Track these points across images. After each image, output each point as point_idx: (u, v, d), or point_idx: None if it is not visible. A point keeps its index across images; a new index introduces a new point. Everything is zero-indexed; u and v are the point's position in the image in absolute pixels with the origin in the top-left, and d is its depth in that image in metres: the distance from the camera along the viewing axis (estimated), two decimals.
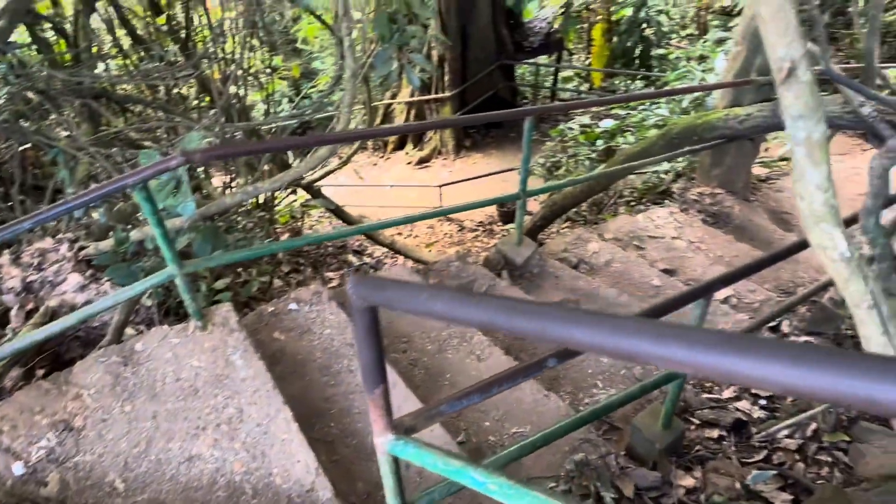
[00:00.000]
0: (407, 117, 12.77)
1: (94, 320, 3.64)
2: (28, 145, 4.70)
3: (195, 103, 6.50)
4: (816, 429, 3.05)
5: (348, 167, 9.86)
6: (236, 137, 5.47)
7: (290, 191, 7.20)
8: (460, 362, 3.30)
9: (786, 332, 4.26)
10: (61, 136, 4.69)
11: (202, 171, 5.59)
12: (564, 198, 6.21)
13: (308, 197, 7.24)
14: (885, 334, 1.02)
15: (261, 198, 6.12)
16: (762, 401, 3.44)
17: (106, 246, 3.85)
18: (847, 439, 2.93)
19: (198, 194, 5.46)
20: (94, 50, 5.75)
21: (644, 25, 12.10)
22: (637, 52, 12.34)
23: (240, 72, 5.81)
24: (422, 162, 12.63)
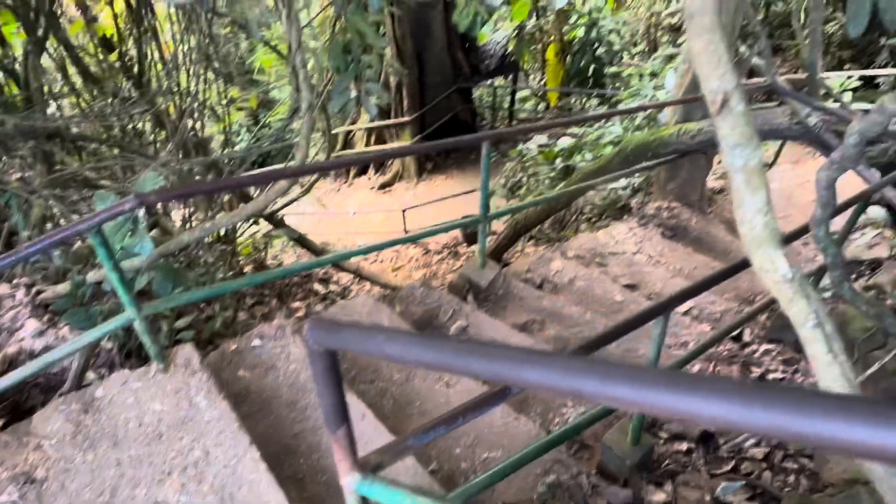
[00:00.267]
0: (367, 142, 12.81)
1: (54, 366, 3.55)
2: None
3: (152, 138, 6.42)
4: None
5: (310, 195, 9.84)
6: (194, 171, 5.42)
7: (251, 221, 7.14)
8: (429, 390, 3.29)
9: (747, 340, 4.34)
10: (13, 178, 4.59)
11: (161, 206, 5.52)
12: (527, 217, 6.28)
13: (270, 227, 7.18)
14: (831, 353, 1.06)
15: (222, 230, 6.05)
16: None
17: (63, 289, 3.76)
18: None
19: (157, 231, 5.39)
20: (46, 90, 5.66)
21: (596, 45, 12.36)
22: (590, 70, 12.59)
23: (195, 105, 5.77)
24: (384, 186, 12.66)
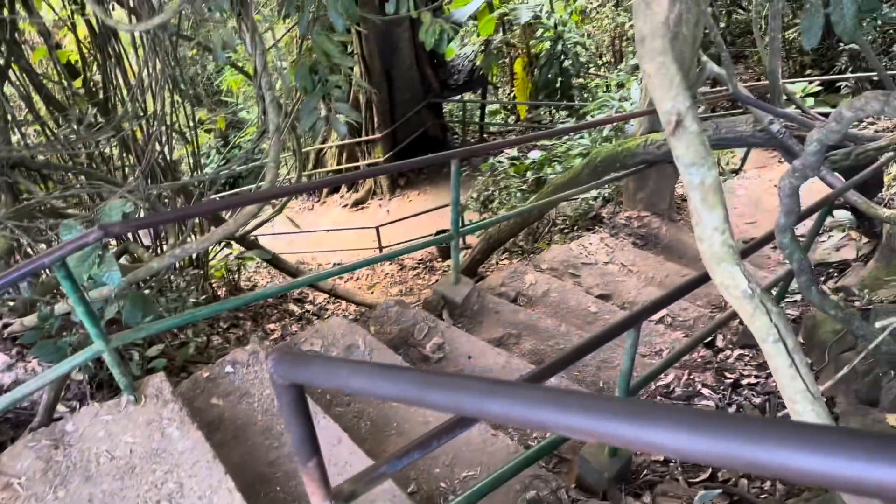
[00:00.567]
0: (339, 160, 12.79)
1: (23, 400, 3.47)
2: None
3: (120, 164, 6.34)
4: None
5: (283, 215, 9.77)
6: (163, 196, 5.35)
7: (224, 244, 7.07)
8: (406, 410, 3.27)
9: (720, 346, 4.39)
10: None
11: (130, 233, 5.44)
12: (500, 231, 6.31)
13: (243, 249, 7.11)
14: (793, 367, 1.07)
15: (194, 254, 5.99)
16: None
17: (31, 321, 3.69)
18: None
19: (127, 258, 5.31)
20: (9, 118, 5.57)
21: (562, 57, 12.49)
22: (558, 83, 12.71)
23: (163, 129, 5.71)
24: (358, 204, 12.63)
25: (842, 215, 6.00)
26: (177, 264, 5.96)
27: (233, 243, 7.16)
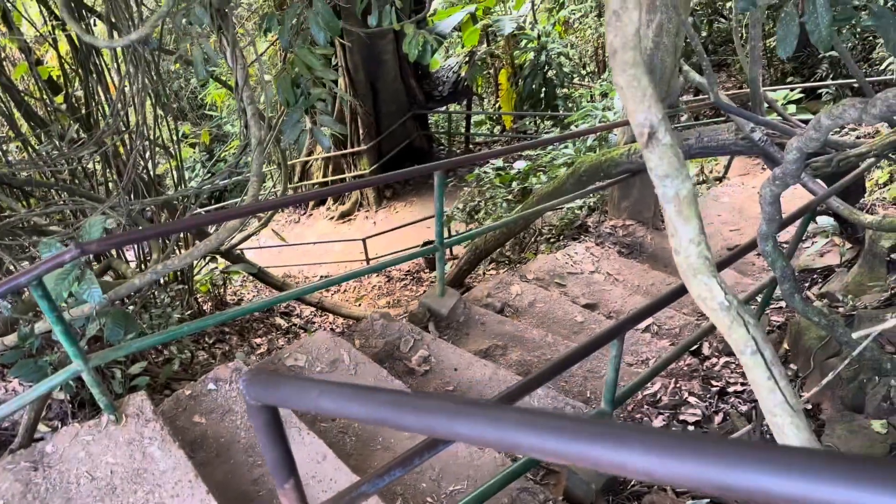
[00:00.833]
0: (325, 172, 12.77)
1: (4, 421, 3.42)
2: None
3: (104, 178, 6.28)
4: None
5: (267, 230, 9.70)
6: (146, 211, 5.31)
7: (209, 258, 7.01)
8: None
9: (707, 354, 4.40)
10: None
11: (114, 249, 5.38)
12: (486, 242, 6.30)
13: (228, 263, 7.06)
14: (771, 378, 1.07)
15: (178, 269, 5.93)
16: (690, 427, 3.52)
17: (11, 341, 3.63)
18: None
19: (110, 274, 5.25)
20: None
21: (546, 68, 12.56)
22: (542, 93, 12.78)
23: (146, 143, 5.67)
24: (344, 216, 12.60)
25: (825, 221, 6.04)
26: (161, 279, 5.90)
27: (218, 257, 7.11)
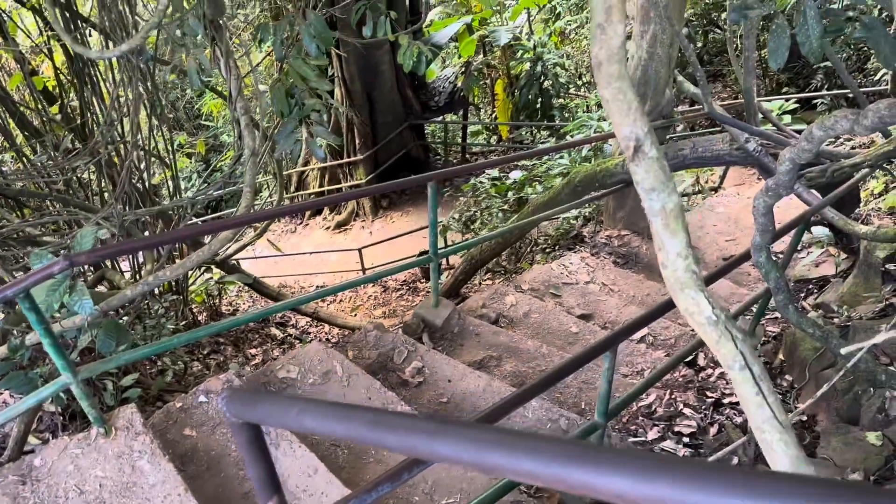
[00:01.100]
0: (321, 182, 12.76)
1: None
2: None
3: (99, 189, 6.27)
4: (739, 462, 3.12)
5: (263, 240, 9.68)
6: (140, 221, 5.29)
7: (204, 268, 6.99)
8: None
9: (702, 365, 4.38)
10: None
11: (108, 259, 5.36)
12: (482, 252, 6.29)
13: (223, 273, 7.04)
14: (760, 394, 1.05)
15: (172, 280, 5.90)
16: (685, 438, 3.50)
17: (2, 352, 3.61)
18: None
19: (105, 284, 5.22)
20: None
21: (542, 78, 12.59)
22: (538, 103, 12.80)
23: (141, 153, 5.66)
24: (340, 226, 12.59)
25: (820, 232, 6.04)
26: (156, 290, 5.88)
27: (213, 268, 7.10)
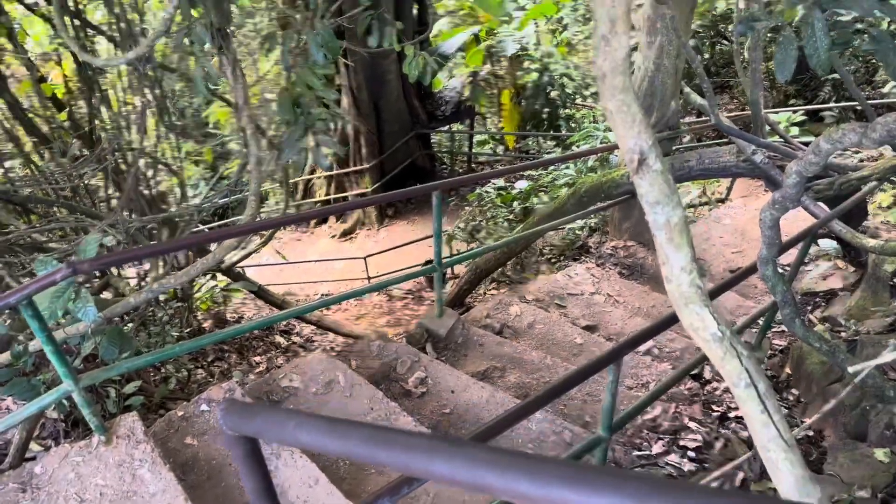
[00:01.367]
0: (328, 191, 12.78)
1: None
2: None
3: (106, 195, 6.29)
4: (744, 478, 3.08)
5: (269, 247, 9.66)
6: (147, 229, 5.29)
7: (209, 276, 6.99)
8: None
9: (708, 378, 4.35)
10: None
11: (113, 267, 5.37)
12: (486, 262, 6.27)
13: (229, 281, 7.04)
14: (765, 412, 1.03)
15: (177, 287, 5.91)
16: (691, 453, 3.46)
17: (6, 359, 3.61)
18: (774, 487, 2.97)
19: (110, 291, 5.23)
20: None
21: (549, 88, 12.61)
22: (545, 113, 12.81)
23: (148, 160, 5.68)
24: (346, 234, 12.60)
25: (827, 245, 6.01)
26: (161, 297, 5.88)
27: (219, 275, 7.10)
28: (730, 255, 6.62)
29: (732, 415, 3.85)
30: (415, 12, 12.15)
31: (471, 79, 12.72)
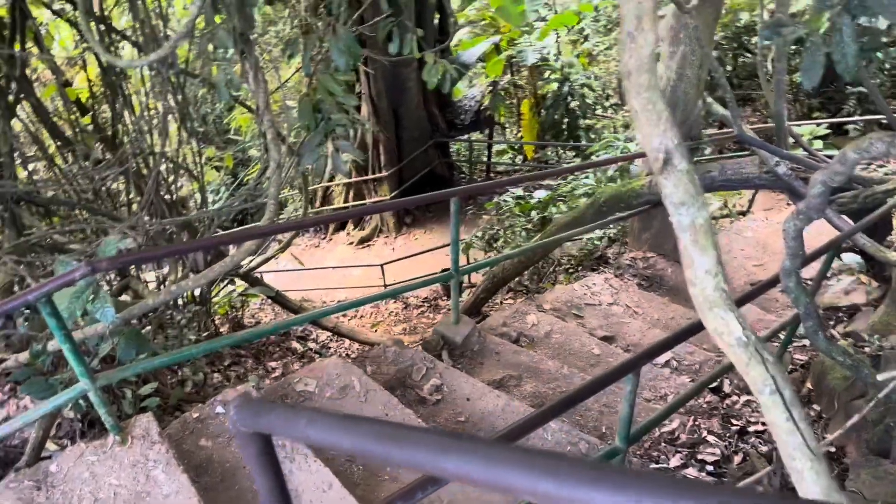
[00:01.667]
0: (346, 198, 12.82)
1: (13, 437, 3.41)
2: None
3: (127, 199, 6.34)
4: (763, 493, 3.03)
5: (287, 254, 9.72)
6: (167, 232, 5.33)
7: (227, 280, 7.02)
8: None
9: (727, 391, 4.28)
10: None
11: (133, 268, 5.42)
12: (504, 270, 6.24)
13: (247, 285, 7.07)
14: (790, 420, 1.00)
15: (196, 290, 5.94)
16: (709, 466, 3.41)
17: (25, 358, 3.64)
18: None
19: (129, 294, 5.26)
20: (18, 154, 5.60)
21: (569, 99, 12.58)
22: (565, 123, 12.78)
23: (169, 165, 5.73)
24: (363, 241, 12.62)
25: (850, 259, 5.91)
26: (179, 301, 5.91)
27: (237, 280, 7.13)
28: (751, 268, 6.54)
29: (752, 429, 3.78)
30: (436, 22, 12.20)
31: (490, 88, 12.74)
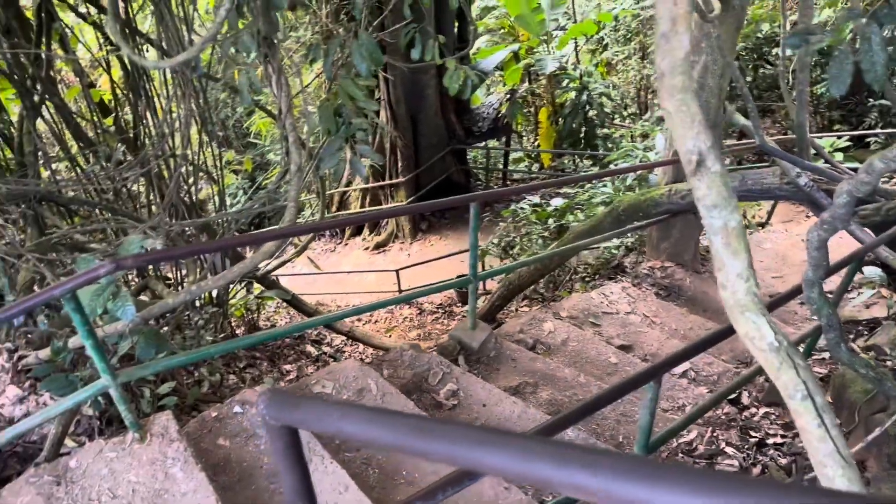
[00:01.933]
0: (363, 203, 12.88)
1: (33, 433, 3.44)
2: None
3: (147, 200, 6.41)
4: None
5: (304, 256, 9.76)
6: (187, 233, 5.38)
7: (244, 283, 7.07)
8: (416, 458, 3.17)
9: (746, 403, 4.24)
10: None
11: (152, 269, 5.47)
12: (520, 277, 6.23)
13: (263, 288, 7.11)
14: (822, 427, 0.99)
15: (213, 292, 5.98)
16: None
17: (46, 355, 3.68)
18: None
19: (148, 293, 5.31)
20: (41, 154, 5.67)
21: (587, 107, 12.56)
22: (582, 132, 12.77)
23: (189, 167, 5.78)
24: (379, 247, 12.66)
25: (872, 272, 5.84)
26: (197, 302, 5.96)
27: (253, 283, 7.18)
28: (770, 280, 6.48)
29: (771, 441, 3.74)
30: (455, 29, 12.26)
31: (508, 96, 12.75)
